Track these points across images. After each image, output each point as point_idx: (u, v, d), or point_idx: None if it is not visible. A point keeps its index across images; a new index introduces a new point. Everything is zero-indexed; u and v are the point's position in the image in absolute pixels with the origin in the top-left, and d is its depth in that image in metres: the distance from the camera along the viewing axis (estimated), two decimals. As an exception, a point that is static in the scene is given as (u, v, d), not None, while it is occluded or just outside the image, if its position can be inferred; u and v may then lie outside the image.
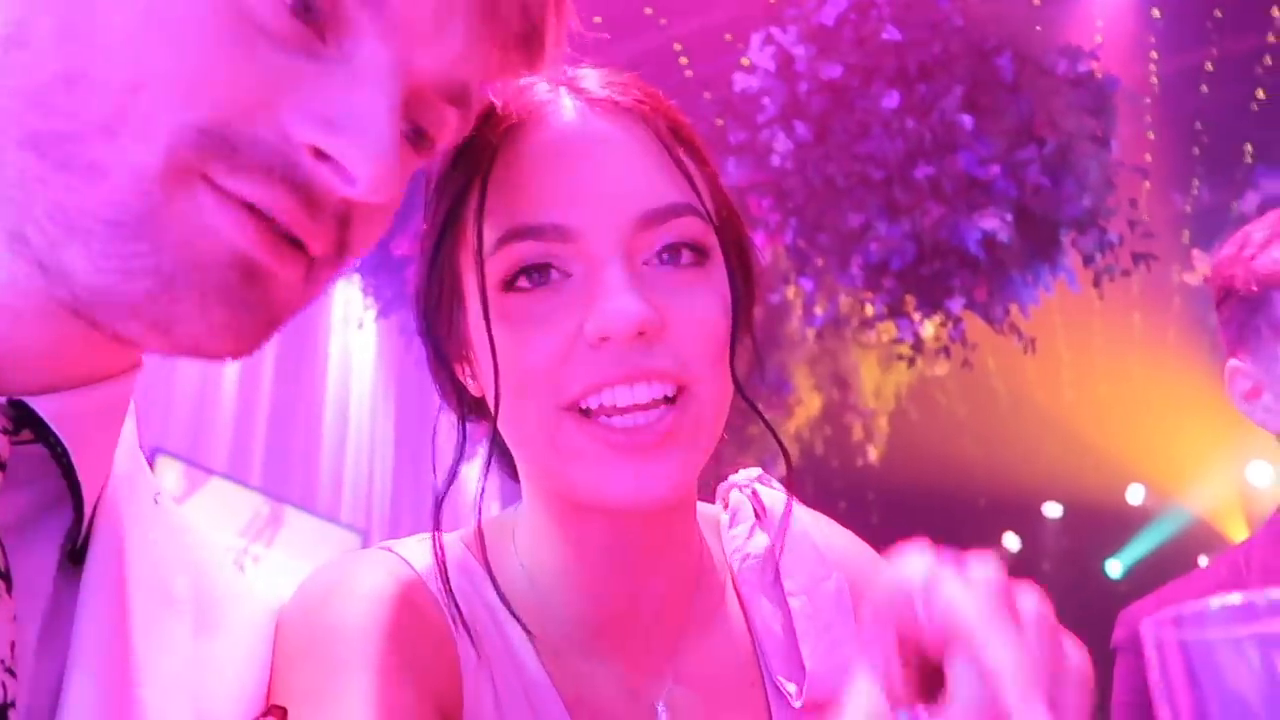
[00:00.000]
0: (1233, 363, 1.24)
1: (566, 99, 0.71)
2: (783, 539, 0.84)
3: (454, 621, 0.72)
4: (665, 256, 0.69)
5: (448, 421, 0.79)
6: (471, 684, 0.72)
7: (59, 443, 0.51)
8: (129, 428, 0.61)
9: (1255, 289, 1.20)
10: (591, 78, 0.74)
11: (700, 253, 0.70)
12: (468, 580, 0.76)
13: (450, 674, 0.71)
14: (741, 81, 4.03)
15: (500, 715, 0.72)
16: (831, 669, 0.79)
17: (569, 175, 0.68)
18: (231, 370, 5.18)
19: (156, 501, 0.62)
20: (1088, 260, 4.18)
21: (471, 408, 0.77)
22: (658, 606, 0.78)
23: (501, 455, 0.80)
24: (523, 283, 0.68)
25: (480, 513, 0.76)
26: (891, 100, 3.60)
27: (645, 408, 0.66)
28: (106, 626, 0.52)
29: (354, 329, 5.74)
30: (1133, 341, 7.91)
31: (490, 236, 0.68)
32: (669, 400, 0.67)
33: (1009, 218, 3.71)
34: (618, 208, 0.67)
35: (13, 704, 0.45)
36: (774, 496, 0.89)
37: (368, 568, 0.74)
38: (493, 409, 0.69)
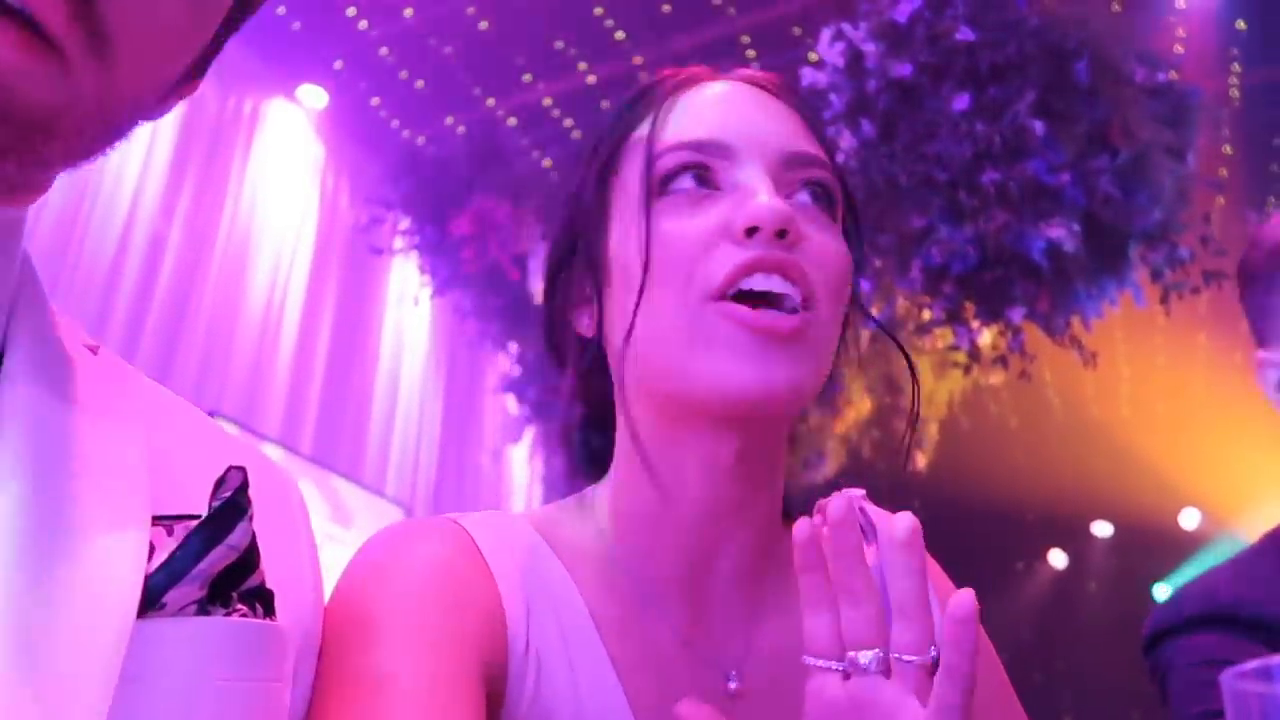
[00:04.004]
0: (1260, 354, 1.16)
1: (721, 78, 0.83)
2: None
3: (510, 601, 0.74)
4: (806, 186, 0.78)
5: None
6: (517, 668, 0.73)
7: None
8: (36, 279, 0.60)
9: (1268, 264, 1.13)
10: (738, 73, 0.85)
11: (832, 200, 0.79)
12: (536, 561, 0.77)
13: (499, 653, 0.72)
14: (809, 76, 3.98)
15: (535, 704, 0.72)
16: None
17: (729, 113, 0.79)
18: (288, 340, 5.28)
19: (95, 353, 0.61)
20: (1156, 275, 4.06)
21: (573, 357, 0.83)
22: (735, 565, 0.80)
23: (567, 433, 0.85)
24: (682, 182, 0.76)
25: (547, 482, 0.80)
26: (962, 102, 3.53)
27: (779, 307, 0.72)
28: (31, 410, 0.52)
29: (409, 306, 5.81)
30: (1197, 362, 7.68)
31: (655, 151, 0.77)
32: (796, 310, 0.73)
33: (1076, 228, 3.62)
34: (770, 142, 0.77)
35: None
36: (883, 516, 0.88)
37: (431, 535, 0.76)
38: (632, 308, 0.74)
